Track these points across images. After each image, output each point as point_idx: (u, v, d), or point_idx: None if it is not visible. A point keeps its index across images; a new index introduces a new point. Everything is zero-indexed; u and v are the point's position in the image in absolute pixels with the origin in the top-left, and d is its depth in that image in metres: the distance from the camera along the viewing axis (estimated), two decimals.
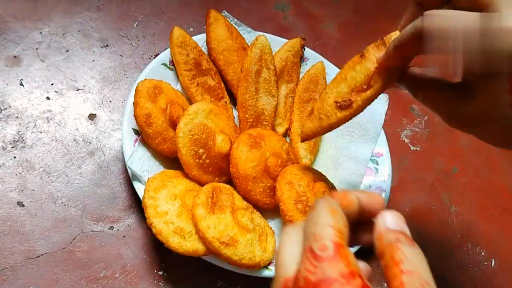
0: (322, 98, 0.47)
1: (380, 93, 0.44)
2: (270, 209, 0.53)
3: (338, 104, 0.45)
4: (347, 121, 0.46)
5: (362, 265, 0.28)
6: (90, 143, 0.56)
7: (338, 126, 0.46)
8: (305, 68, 0.65)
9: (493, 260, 0.60)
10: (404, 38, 0.37)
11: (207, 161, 0.51)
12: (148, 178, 0.49)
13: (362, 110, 0.45)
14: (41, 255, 0.49)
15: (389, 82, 0.43)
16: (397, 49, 0.39)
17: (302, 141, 0.49)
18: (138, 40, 0.65)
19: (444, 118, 0.40)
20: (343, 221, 0.27)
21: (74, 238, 0.50)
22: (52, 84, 0.59)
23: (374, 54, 0.43)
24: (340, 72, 0.46)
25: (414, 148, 0.68)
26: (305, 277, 0.24)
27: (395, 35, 0.41)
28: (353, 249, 0.51)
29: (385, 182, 0.58)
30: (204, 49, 0.60)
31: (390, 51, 0.40)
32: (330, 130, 0.47)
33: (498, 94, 0.34)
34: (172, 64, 0.58)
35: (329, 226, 0.26)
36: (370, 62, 0.43)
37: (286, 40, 0.64)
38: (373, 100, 0.44)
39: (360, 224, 0.29)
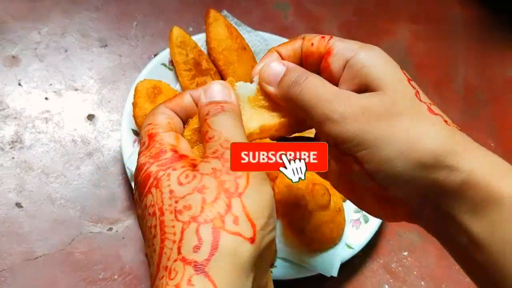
0: None
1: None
2: None
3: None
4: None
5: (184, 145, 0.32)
6: (88, 143, 0.56)
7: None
8: None
9: None
10: None
11: None
12: None
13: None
14: (40, 256, 0.48)
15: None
16: None
17: None
18: (137, 40, 0.65)
19: None
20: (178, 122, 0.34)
21: (73, 240, 0.50)
22: (50, 84, 0.59)
23: None
24: None
25: None
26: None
27: None
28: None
29: None
30: (204, 49, 0.60)
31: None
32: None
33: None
34: (172, 64, 0.58)
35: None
36: None
37: (286, 40, 0.63)
38: None
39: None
